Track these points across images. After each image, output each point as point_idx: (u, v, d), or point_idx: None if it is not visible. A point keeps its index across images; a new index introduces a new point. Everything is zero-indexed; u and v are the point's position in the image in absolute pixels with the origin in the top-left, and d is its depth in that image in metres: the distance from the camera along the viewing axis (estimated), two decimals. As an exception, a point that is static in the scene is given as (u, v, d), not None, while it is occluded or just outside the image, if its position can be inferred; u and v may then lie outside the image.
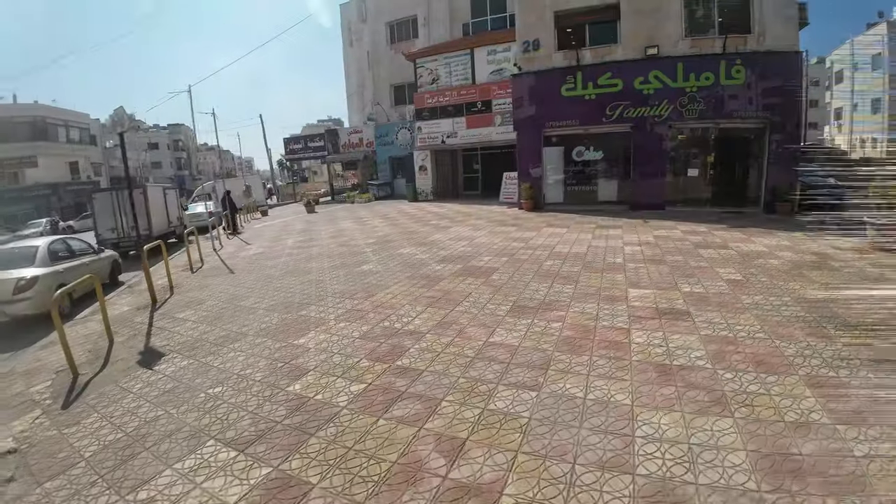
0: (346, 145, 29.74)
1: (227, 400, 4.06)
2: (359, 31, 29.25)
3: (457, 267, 7.91)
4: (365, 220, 16.45)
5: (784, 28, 13.35)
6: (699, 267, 7.44)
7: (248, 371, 4.62)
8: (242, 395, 4.12)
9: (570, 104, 15.00)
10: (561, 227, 11.64)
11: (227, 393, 4.19)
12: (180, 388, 4.37)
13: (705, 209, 14.45)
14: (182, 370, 4.80)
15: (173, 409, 3.97)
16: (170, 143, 69.45)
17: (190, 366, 4.89)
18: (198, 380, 4.53)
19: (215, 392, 4.22)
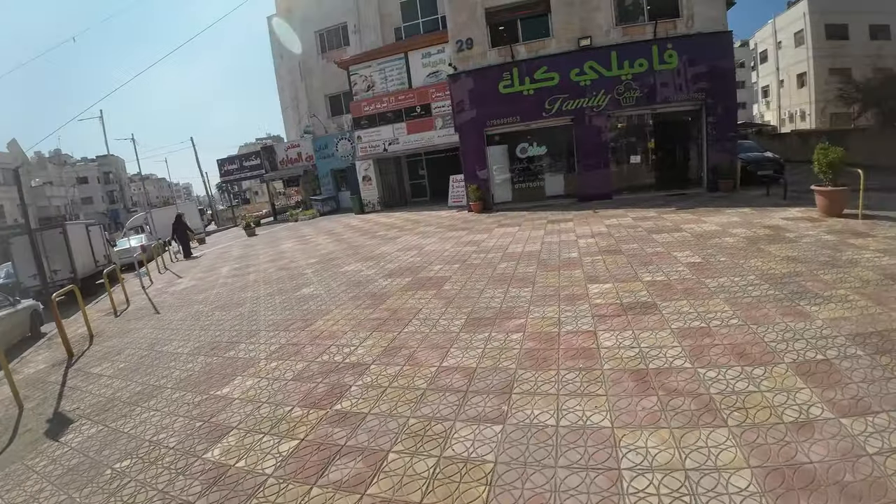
0: (285, 161, 28.43)
1: (134, 476, 3.29)
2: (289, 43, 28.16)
3: (405, 280, 7.24)
4: (308, 238, 15.47)
5: (712, 9, 13.57)
6: (656, 253, 7.15)
7: (161, 436, 3.80)
8: (153, 469, 3.34)
9: (509, 101, 14.72)
10: (512, 226, 11.21)
11: (136, 467, 3.41)
12: (85, 465, 3.60)
13: (651, 194, 14.52)
14: (89, 440, 4.00)
15: (76, 493, 3.25)
16: (100, 175, 64.88)
17: (98, 434, 4.08)
18: (105, 451, 3.75)
19: (123, 467, 3.46)
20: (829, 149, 8.66)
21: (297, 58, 27.30)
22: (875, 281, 5.04)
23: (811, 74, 29.61)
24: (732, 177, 13.83)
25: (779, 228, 8.07)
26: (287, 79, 28.79)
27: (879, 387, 3.18)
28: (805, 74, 30.36)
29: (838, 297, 4.68)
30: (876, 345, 3.70)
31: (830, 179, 8.74)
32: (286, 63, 28.46)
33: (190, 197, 54.66)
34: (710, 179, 14.08)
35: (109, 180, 67.17)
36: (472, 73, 14.99)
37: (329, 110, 27.08)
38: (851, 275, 5.31)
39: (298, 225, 21.83)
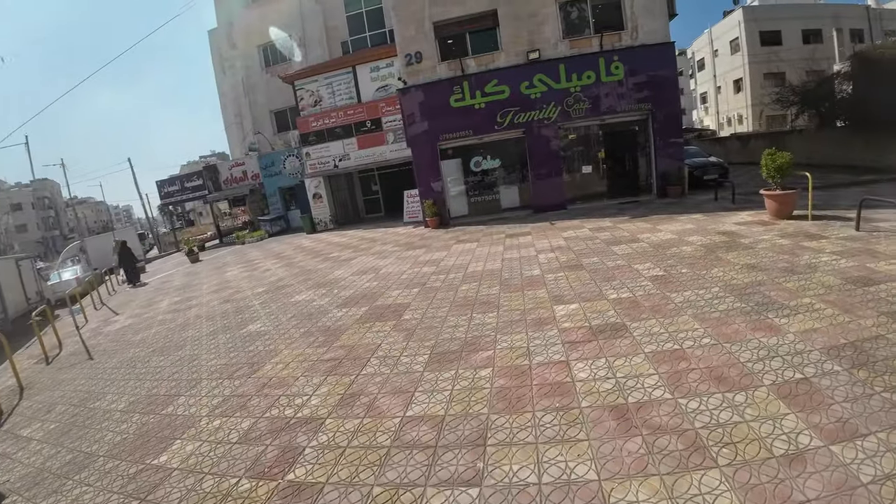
0: (229, 181, 27.10)
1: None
2: (231, 58, 27.00)
3: (362, 310, 6.77)
4: (256, 263, 14.60)
5: (654, 21, 14.00)
6: (617, 267, 7.06)
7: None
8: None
9: (461, 115, 14.58)
10: (471, 242, 10.96)
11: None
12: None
13: (604, 203, 14.75)
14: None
15: None
16: (35, 201, 60.03)
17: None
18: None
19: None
20: (776, 154, 8.95)
21: (240, 73, 26.27)
22: (837, 286, 5.10)
23: (747, 80, 31.38)
24: (681, 183, 14.26)
25: (733, 234, 8.22)
26: (230, 95, 27.61)
27: (862, 405, 3.10)
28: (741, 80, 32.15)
29: (805, 307, 4.68)
30: (851, 358, 3.66)
31: (779, 183, 9.04)
32: (229, 78, 27.31)
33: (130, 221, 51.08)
34: (660, 186, 14.45)
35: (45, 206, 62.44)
36: (422, 86, 14.77)
37: (275, 126, 26.15)
38: (813, 281, 5.37)
39: (246, 248, 20.74)
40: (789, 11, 30.78)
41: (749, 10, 30.82)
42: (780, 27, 30.33)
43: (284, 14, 24.18)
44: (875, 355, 3.66)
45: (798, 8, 31.31)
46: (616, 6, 14.28)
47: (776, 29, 30.33)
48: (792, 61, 28.96)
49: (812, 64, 27.06)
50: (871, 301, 4.64)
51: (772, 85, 30.33)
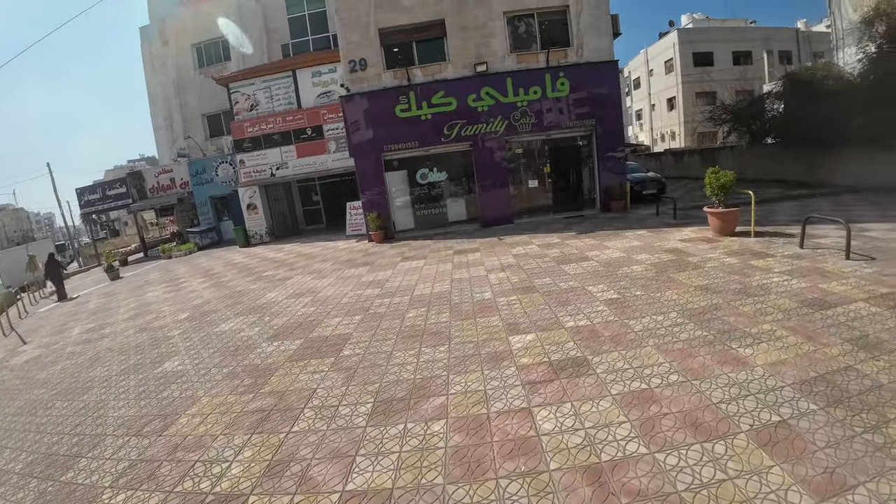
0: (155, 189, 24.92)
1: None
2: (161, 56, 24.96)
3: (296, 343, 6.00)
4: (181, 281, 13.23)
5: (599, 40, 14.26)
6: (570, 289, 6.78)
7: None
8: None
9: (406, 125, 14.09)
10: (418, 260, 10.41)
11: None
12: None
13: (550, 217, 14.75)
14: None
15: None
16: None
17: None
18: None
19: None
20: (720, 172, 9.13)
21: (172, 72, 24.34)
22: (795, 310, 5.05)
23: (680, 98, 33.16)
24: (623, 197, 14.53)
25: (680, 252, 8.23)
26: (160, 95, 25.46)
27: (846, 451, 2.89)
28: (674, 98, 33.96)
29: (767, 335, 4.55)
30: (825, 394, 3.49)
31: (722, 201, 9.23)
32: (159, 78, 25.21)
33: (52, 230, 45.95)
34: (603, 200, 14.66)
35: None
36: (366, 94, 14.14)
37: (207, 131, 24.40)
38: (769, 304, 5.30)
39: (172, 263, 18.99)
40: (721, 34, 32.95)
41: (683, 32, 32.68)
42: (712, 49, 32.35)
43: (222, 12, 22.68)
44: (848, 390, 3.53)
45: (729, 31, 33.58)
46: (563, 23, 14.43)
47: (708, 50, 32.34)
48: (723, 81, 30.99)
49: (742, 84, 29.09)
50: (832, 326, 4.60)
51: (703, 103, 32.32)
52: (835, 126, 14.29)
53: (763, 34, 32.97)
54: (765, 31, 33.41)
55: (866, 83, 14.03)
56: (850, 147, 14.60)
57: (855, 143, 14.14)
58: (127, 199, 25.22)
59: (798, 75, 17.61)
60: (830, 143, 14.97)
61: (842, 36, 20.21)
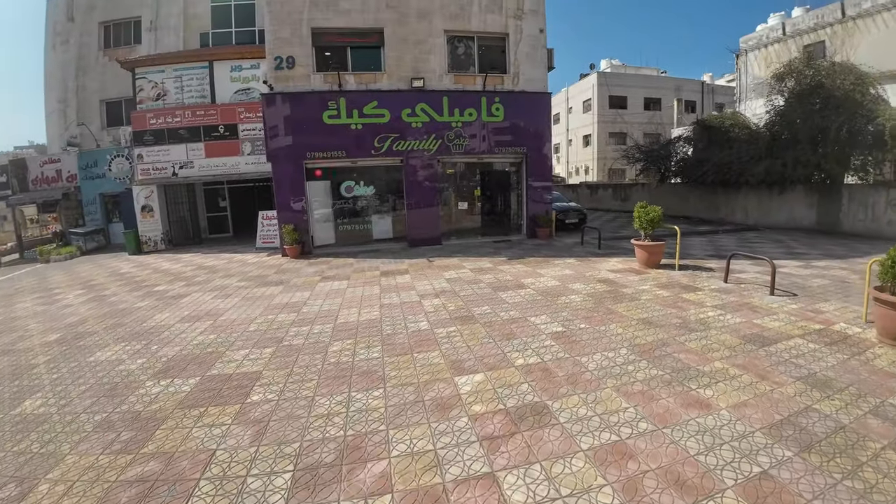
0: (38, 180, 21.15)
1: None
2: (65, 32, 21.49)
3: (190, 383, 4.76)
4: (56, 292, 10.88)
5: (535, 70, 14.44)
6: (513, 320, 6.28)
7: None
8: None
9: (334, 133, 13.11)
10: (340, 280, 9.39)
11: None
12: None
13: (479, 240, 14.47)
14: None
15: None
16: None
17: None
18: None
19: None
20: (649, 207, 9.35)
21: (73, 50, 21.05)
22: (739, 347, 5.11)
23: (595, 136, 35.26)
24: (549, 225, 14.64)
25: (613, 283, 8.18)
26: (57, 75, 21.78)
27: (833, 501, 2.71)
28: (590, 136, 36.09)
29: (721, 374, 4.45)
30: (795, 439, 3.35)
31: (649, 235, 9.44)
32: (59, 55, 21.61)
33: None
34: (530, 227, 14.69)
35: None
36: (291, 95, 12.97)
37: (105, 119, 21.24)
38: (713, 340, 5.33)
39: (49, 268, 15.93)
40: (636, 80, 35.81)
41: (602, 75, 34.99)
42: (626, 93, 35.01)
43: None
44: (815, 433, 3.42)
45: (643, 78, 36.61)
46: (501, 50, 14.46)
47: (623, 94, 34.94)
48: (634, 123, 33.54)
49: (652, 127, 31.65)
50: (779, 364, 4.62)
51: (616, 142, 34.82)
52: (738, 170, 15.73)
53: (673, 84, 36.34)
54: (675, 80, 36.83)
55: (771, 133, 15.57)
56: (750, 189, 16.15)
57: (755, 185, 15.65)
58: (6, 189, 21.19)
59: (707, 122, 19.30)
60: (733, 184, 16.47)
61: (745, 90, 22.72)
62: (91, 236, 19.69)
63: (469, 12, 13.94)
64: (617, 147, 34.58)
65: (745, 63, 22.78)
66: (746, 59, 22.72)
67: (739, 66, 23.20)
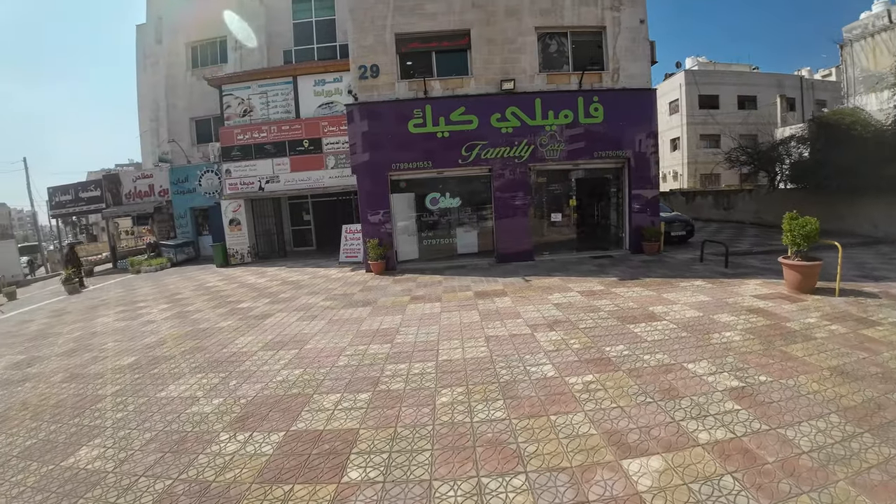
0: (132, 194, 22.69)
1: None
2: (155, 55, 23.21)
3: (271, 441, 3.82)
4: (140, 306, 10.94)
5: (636, 65, 12.89)
6: (665, 367, 4.85)
7: None
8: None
9: (419, 143, 12.32)
10: (431, 302, 8.37)
11: None
12: None
13: (575, 255, 12.97)
14: None
15: None
16: None
17: None
18: None
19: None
20: (801, 219, 7.54)
21: (163, 71, 22.50)
22: None
23: (684, 139, 32.29)
24: (657, 239, 12.83)
25: (769, 314, 6.47)
26: (149, 96, 23.54)
27: None
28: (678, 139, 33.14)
29: None
30: None
31: (803, 253, 7.61)
32: (150, 77, 23.34)
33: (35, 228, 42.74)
34: (633, 241, 12.96)
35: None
36: (376, 105, 12.39)
37: (194, 136, 22.37)
38: None
39: (139, 279, 16.62)
40: (727, 78, 32.52)
41: (690, 73, 32.08)
42: (718, 92, 31.84)
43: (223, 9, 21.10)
44: None
45: (735, 75, 33.21)
46: (597, 45, 13.03)
47: (714, 93, 31.80)
48: (727, 124, 30.31)
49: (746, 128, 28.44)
50: None
51: (707, 145, 31.65)
52: (864, 173, 13.08)
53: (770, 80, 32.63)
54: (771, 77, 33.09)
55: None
56: (878, 196, 13.40)
57: (885, 191, 12.95)
58: (101, 203, 22.92)
59: (825, 119, 16.47)
60: (858, 191, 13.76)
61: (853, 84, 19.44)
62: (181, 248, 20.52)
63: (561, 6, 12.67)
64: (709, 150, 31.42)
65: (851, 55, 19.43)
66: (852, 51, 19.37)
67: (845, 58, 19.84)
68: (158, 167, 22.20)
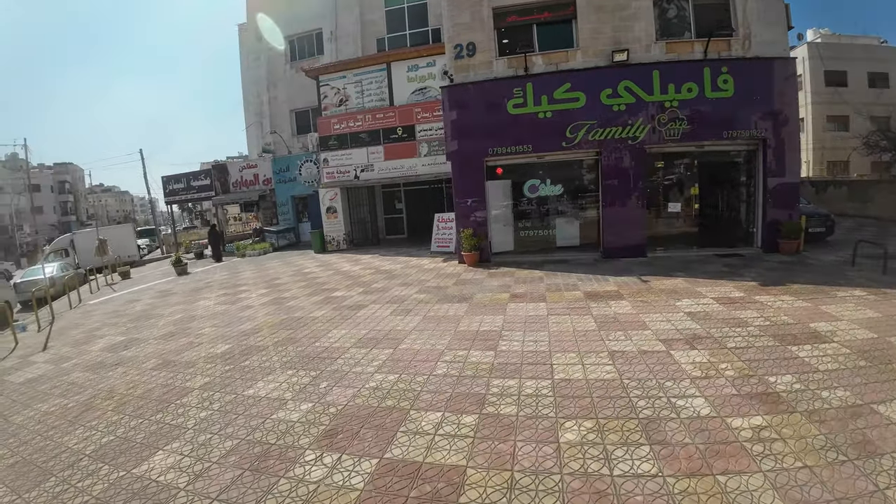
0: (238, 183, 24.30)
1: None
2: (256, 51, 24.58)
3: (362, 470, 3.23)
4: (241, 290, 11.35)
5: (770, 31, 10.87)
6: (849, 409, 3.60)
7: None
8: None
9: (519, 124, 11.38)
10: (534, 302, 7.52)
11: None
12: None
13: (695, 253, 11.32)
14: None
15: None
16: (54, 184, 59.02)
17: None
18: None
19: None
20: None
21: (264, 66, 23.69)
22: None
23: (809, 120, 27.93)
24: (797, 236, 10.76)
25: None
26: (252, 91, 25.09)
27: None
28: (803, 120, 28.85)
29: None
30: None
31: None
32: (252, 73, 24.79)
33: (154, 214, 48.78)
34: (767, 238, 10.98)
35: (64, 190, 61.28)
36: (472, 85, 11.64)
37: (294, 127, 23.36)
38: None
39: (243, 263, 17.63)
40: (856, 52, 27.80)
41: (814, 46, 27.51)
42: (845, 67, 27.25)
43: (317, 3, 21.60)
44: None
45: (864, 49, 28.32)
46: (724, 7, 11.14)
47: (842, 69, 27.22)
48: (856, 104, 25.62)
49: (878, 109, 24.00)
50: None
51: (836, 128, 27.14)
52: None
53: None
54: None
55: None
56: None
57: None
58: (210, 191, 24.86)
59: None
60: None
61: None
62: (283, 234, 21.56)
63: (682, -36, 10.95)
64: (837, 133, 26.78)
65: None
66: None
67: None
68: (262, 158, 23.48)
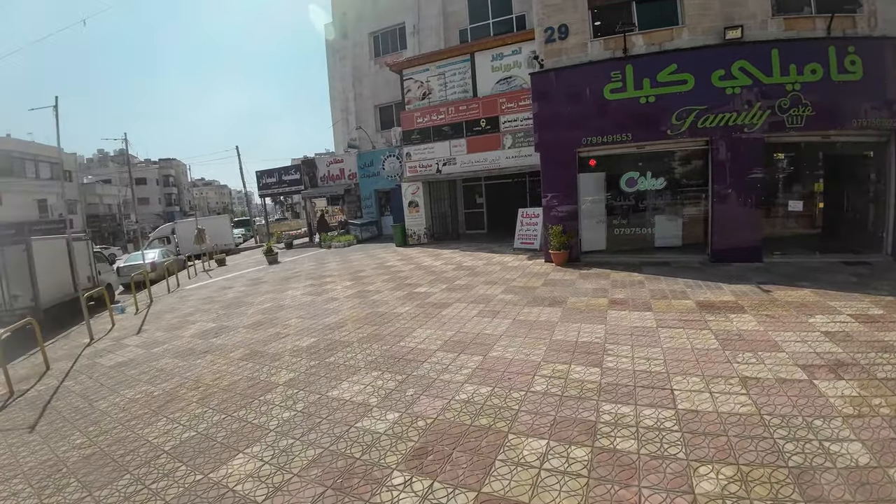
0: (326, 178, 25.24)
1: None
2: (342, 49, 25.31)
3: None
4: (326, 281, 11.59)
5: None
6: None
7: None
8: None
9: (616, 111, 10.46)
10: (639, 311, 6.73)
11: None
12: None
13: (815, 258, 9.78)
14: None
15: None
16: (159, 178, 66.18)
17: None
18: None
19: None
20: None
21: (349, 63, 24.31)
22: None
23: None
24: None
25: None
26: (338, 88, 25.97)
27: None
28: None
29: None
30: None
31: None
32: (338, 70, 25.59)
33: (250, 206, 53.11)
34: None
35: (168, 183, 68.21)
36: (565, 70, 10.88)
37: (378, 122, 23.75)
38: None
39: (329, 254, 18.22)
40: None
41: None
42: None
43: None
44: None
45: None
46: (847, -21, 9.39)
47: None
48: None
49: None
50: None
51: None
52: None
53: None
54: None
55: None
56: None
57: None
58: (300, 185, 26.04)
59: None
60: None
61: None
62: (367, 227, 22.06)
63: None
64: None
65: None
66: None
67: None
68: (347, 153, 24.15)
